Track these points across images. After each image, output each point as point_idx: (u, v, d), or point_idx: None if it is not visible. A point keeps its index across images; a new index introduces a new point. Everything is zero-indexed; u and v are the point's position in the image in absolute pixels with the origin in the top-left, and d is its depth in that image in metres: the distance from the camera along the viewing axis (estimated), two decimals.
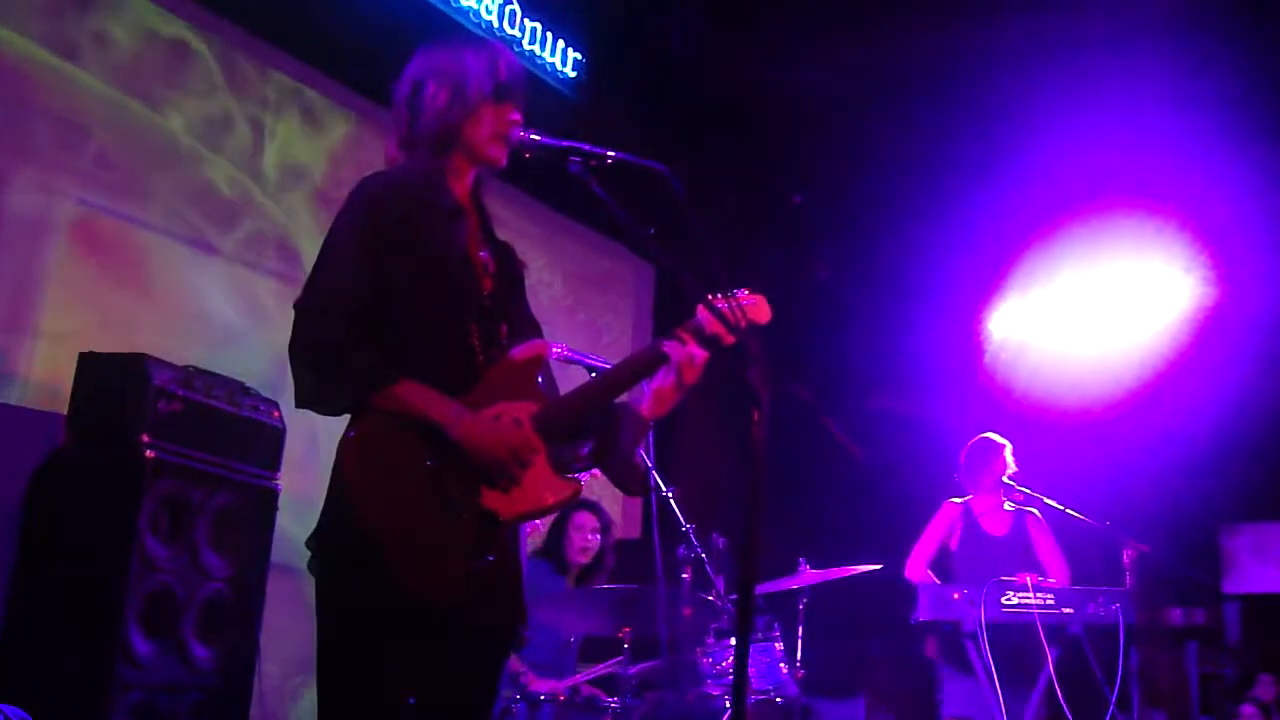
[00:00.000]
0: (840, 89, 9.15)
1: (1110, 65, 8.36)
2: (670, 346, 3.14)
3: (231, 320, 6.73)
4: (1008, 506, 7.07)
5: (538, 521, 6.19)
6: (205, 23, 6.69)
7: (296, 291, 3.07)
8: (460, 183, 3.28)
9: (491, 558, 3.01)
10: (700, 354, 3.14)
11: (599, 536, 6.63)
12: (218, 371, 5.38)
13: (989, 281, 9.69)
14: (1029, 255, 9.38)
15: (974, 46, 8.54)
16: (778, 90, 9.23)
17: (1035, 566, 6.81)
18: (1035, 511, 7.03)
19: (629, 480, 3.39)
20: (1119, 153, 8.52)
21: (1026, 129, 8.69)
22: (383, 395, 2.97)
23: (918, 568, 6.95)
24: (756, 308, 3.22)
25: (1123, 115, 8.51)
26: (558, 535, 6.61)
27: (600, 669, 5.99)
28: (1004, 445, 7.07)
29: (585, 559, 6.60)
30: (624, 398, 3.26)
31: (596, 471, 3.39)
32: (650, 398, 3.19)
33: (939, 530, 7.08)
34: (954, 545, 7.05)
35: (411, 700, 3.01)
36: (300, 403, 3.04)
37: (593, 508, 6.65)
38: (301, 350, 3.01)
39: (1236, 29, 8.08)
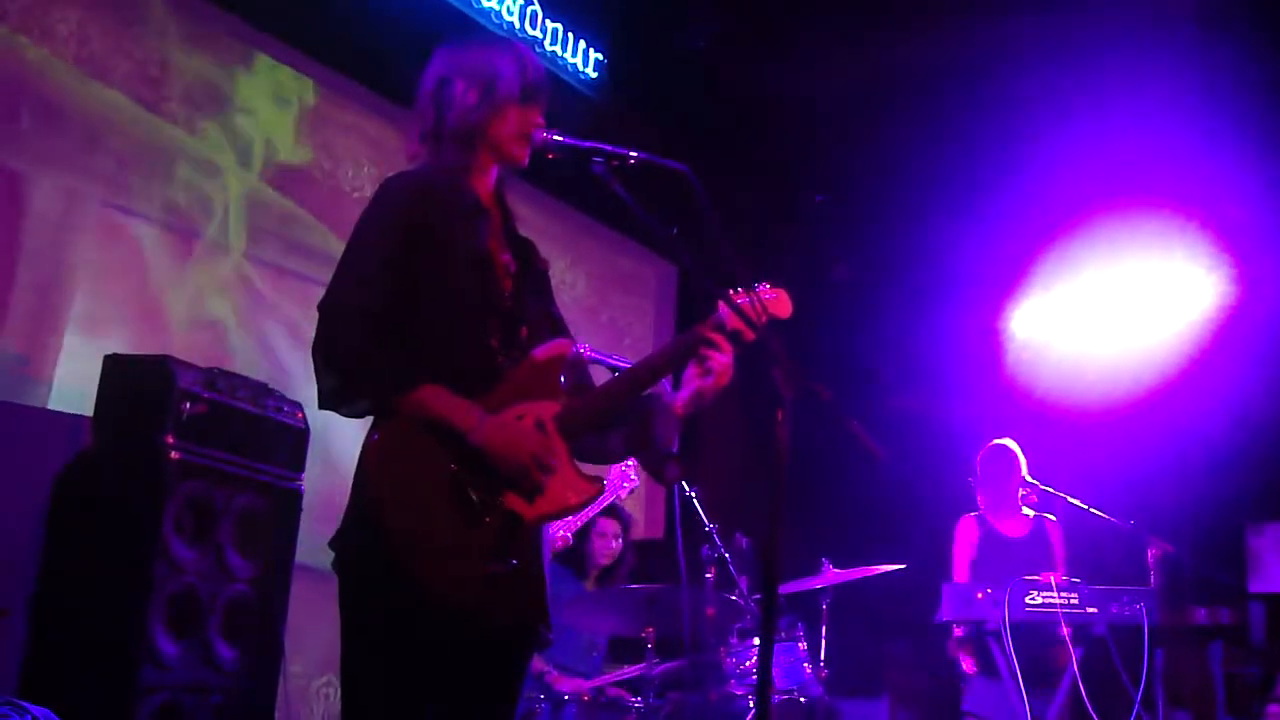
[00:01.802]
0: (861, 88, 9.14)
1: (1132, 65, 8.33)
2: (707, 330, 3.13)
3: (255, 322, 6.75)
4: (1026, 512, 7.06)
5: (565, 531, 6.22)
6: (226, 27, 6.71)
7: (321, 293, 3.08)
8: (482, 181, 3.29)
9: (515, 561, 3.01)
10: (728, 347, 3.14)
11: (620, 541, 6.66)
12: (241, 373, 5.40)
13: (1010, 280, 9.67)
14: (1050, 254, 9.35)
15: (995, 45, 8.52)
16: (798, 90, 9.22)
17: (1054, 568, 6.79)
18: (1051, 516, 7.02)
19: (665, 469, 3.37)
20: (1141, 152, 8.49)
21: (1048, 128, 8.66)
22: (404, 399, 2.97)
23: (961, 575, 6.95)
24: (778, 302, 3.21)
25: (1145, 115, 8.48)
26: (582, 542, 6.61)
27: (628, 671, 6.00)
28: (1016, 453, 7.03)
29: (607, 562, 6.62)
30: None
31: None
32: (688, 394, 3.17)
33: (965, 548, 7.06)
34: (973, 552, 7.05)
35: (434, 702, 3.02)
36: (323, 404, 3.05)
37: (615, 513, 6.66)
38: (325, 352, 3.01)
39: (1262, 28, 8.04)
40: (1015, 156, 8.82)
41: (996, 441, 7.15)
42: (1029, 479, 6.93)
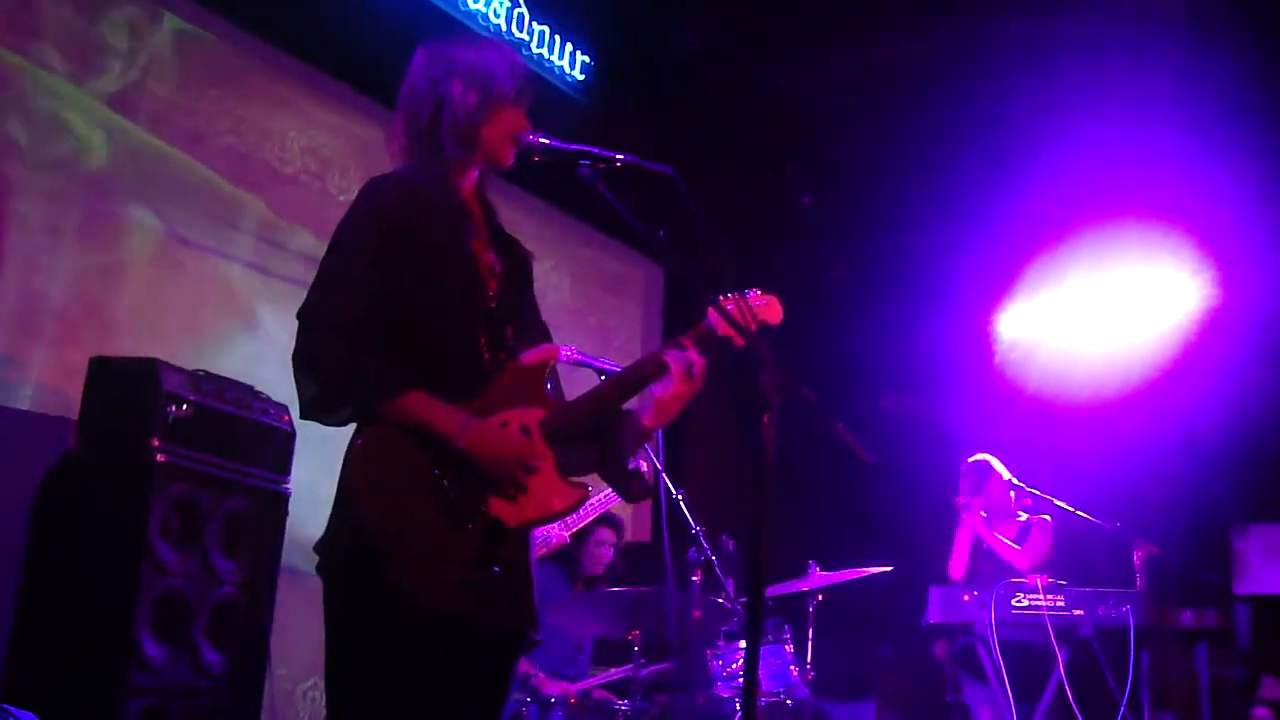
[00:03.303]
0: (850, 90, 9.16)
1: (1121, 71, 8.36)
2: (671, 355, 3.11)
3: (242, 324, 6.73)
4: (1022, 517, 7.05)
5: (553, 535, 6.21)
6: (210, 25, 6.69)
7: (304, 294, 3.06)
8: (466, 181, 3.27)
9: (498, 568, 2.99)
10: (700, 361, 3.10)
11: (613, 549, 6.67)
12: (228, 376, 5.39)
13: (999, 282, 9.68)
14: (1039, 256, 9.37)
15: (986, 50, 8.54)
16: (787, 92, 9.23)
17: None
18: (1047, 517, 7.00)
19: (629, 487, 3.36)
20: (1128, 157, 8.52)
21: (1038, 133, 8.68)
22: (388, 405, 2.95)
23: (959, 569, 6.92)
24: (768, 308, 3.18)
25: (1133, 121, 8.51)
26: (577, 548, 6.59)
27: (614, 673, 5.99)
28: (995, 467, 7.00)
29: (598, 571, 6.62)
30: (631, 402, 3.25)
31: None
32: (652, 407, 3.16)
33: (966, 535, 7.01)
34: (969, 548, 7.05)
35: (420, 705, 3.01)
36: (304, 414, 3.03)
37: (612, 523, 6.65)
38: (305, 361, 2.99)
39: (1247, 35, 8.07)
40: (1006, 160, 8.83)
41: (977, 457, 7.10)
42: (1016, 482, 6.92)
